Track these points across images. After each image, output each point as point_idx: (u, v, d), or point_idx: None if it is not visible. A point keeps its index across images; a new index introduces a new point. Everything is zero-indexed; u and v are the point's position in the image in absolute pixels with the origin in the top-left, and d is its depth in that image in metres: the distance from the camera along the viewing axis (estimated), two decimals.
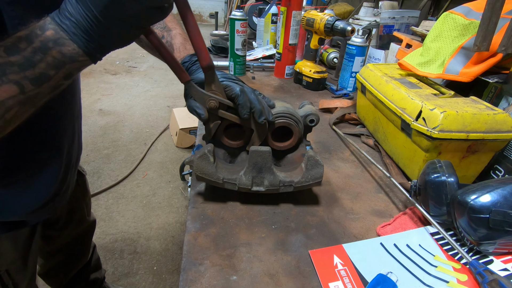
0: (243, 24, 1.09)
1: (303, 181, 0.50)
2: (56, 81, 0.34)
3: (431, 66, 0.70)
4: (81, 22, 0.32)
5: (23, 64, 0.31)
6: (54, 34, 0.32)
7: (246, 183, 0.50)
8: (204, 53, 0.45)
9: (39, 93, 0.34)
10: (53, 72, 0.33)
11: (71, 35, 0.33)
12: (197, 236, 0.46)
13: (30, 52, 0.31)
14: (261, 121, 0.49)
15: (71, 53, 0.33)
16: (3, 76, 0.31)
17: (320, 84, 1.09)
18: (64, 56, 0.33)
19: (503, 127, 0.53)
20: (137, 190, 1.97)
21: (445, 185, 0.47)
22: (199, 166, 0.49)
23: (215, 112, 0.50)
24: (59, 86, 0.35)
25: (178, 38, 0.58)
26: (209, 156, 0.49)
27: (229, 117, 0.51)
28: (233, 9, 2.93)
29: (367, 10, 1.30)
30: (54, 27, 0.32)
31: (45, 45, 0.32)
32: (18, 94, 0.32)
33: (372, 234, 0.49)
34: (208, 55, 0.45)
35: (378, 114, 0.72)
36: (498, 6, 0.55)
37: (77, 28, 0.33)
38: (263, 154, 0.49)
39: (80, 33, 0.33)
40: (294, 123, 0.54)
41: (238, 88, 0.48)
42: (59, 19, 0.33)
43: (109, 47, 0.36)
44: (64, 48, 0.33)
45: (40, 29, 0.32)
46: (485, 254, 0.45)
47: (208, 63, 0.45)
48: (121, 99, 3.15)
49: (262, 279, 0.40)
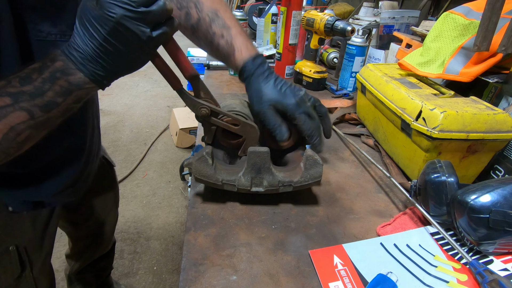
0: (243, 24, 1.09)
1: (302, 181, 0.50)
2: (65, 107, 0.37)
3: (431, 66, 0.70)
4: (87, 51, 0.35)
5: (33, 93, 0.35)
6: (62, 65, 0.35)
7: (245, 184, 0.50)
8: (184, 65, 0.45)
9: (49, 118, 0.37)
10: (61, 100, 0.36)
11: (78, 65, 0.36)
12: (197, 236, 0.46)
13: (40, 82, 0.35)
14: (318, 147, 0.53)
15: (77, 82, 0.36)
16: (15, 104, 0.34)
17: (320, 84, 1.09)
18: (71, 84, 0.36)
19: (503, 127, 0.53)
20: (137, 190, 1.97)
21: (445, 185, 0.47)
22: (198, 168, 0.49)
23: (208, 119, 0.51)
24: (69, 109, 0.39)
25: (239, 38, 0.55)
26: (207, 158, 0.49)
27: (222, 125, 0.51)
28: (233, 9, 2.93)
29: (367, 10, 1.30)
30: (63, 58, 0.36)
31: (53, 76, 0.35)
32: (28, 120, 0.36)
33: (372, 234, 0.49)
34: (189, 65, 0.46)
35: (378, 114, 0.72)
36: (498, 6, 0.55)
37: (83, 58, 0.35)
38: (262, 155, 0.49)
39: (85, 63, 0.36)
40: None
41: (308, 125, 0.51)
42: (67, 51, 0.36)
43: (115, 74, 0.38)
44: (70, 77, 0.36)
45: (51, 61, 0.35)
46: (485, 254, 0.45)
47: (191, 74, 0.47)
48: (121, 99, 3.15)
49: (262, 279, 0.40)
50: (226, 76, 1.19)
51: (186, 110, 2.46)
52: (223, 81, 1.14)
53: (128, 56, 0.37)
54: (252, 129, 0.52)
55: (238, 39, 0.54)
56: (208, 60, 1.27)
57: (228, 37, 0.54)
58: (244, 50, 0.54)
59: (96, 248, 1.03)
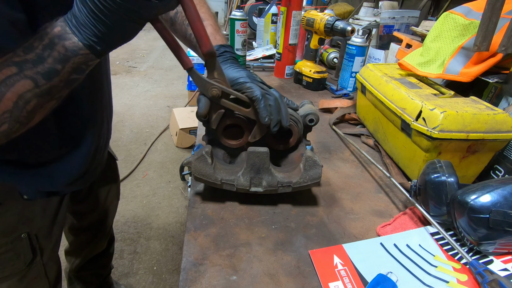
0: (243, 24, 1.09)
1: (301, 182, 0.50)
2: (66, 75, 0.37)
3: (431, 66, 0.70)
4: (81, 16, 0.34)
5: (35, 60, 0.35)
6: (60, 30, 0.35)
7: (244, 184, 0.50)
8: (204, 39, 0.43)
9: (52, 86, 0.37)
10: (60, 67, 0.36)
11: (73, 28, 0.35)
12: (197, 236, 0.46)
13: (40, 49, 0.35)
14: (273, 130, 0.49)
15: (72, 47, 0.35)
16: (21, 72, 0.35)
17: (320, 84, 1.09)
18: (67, 50, 0.35)
19: (503, 127, 0.53)
20: (137, 190, 1.97)
21: (445, 185, 0.47)
22: (197, 167, 0.49)
23: (218, 101, 0.48)
24: (72, 80, 0.38)
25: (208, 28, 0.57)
26: (206, 157, 0.49)
27: (232, 107, 0.49)
28: (233, 9, 2.93)
29: (367, 10, 1.30)
30: (62, 23, 0.35)
31: (52, 41, 0.35)
32: (33, 88, 0.36)
33: (372, 234, 0.49)
34: (209, 41, 0.44)
35: (378, 114, 0.72)
36: (498, 6, 0.55)
37: (78, 22, 0.34)
38: (261, 155, 0.49)
39: (80, 27, 0.35)
40: (294, 123, 0.54)
41: (259, 92, 0.47)
42: (68, 16, 0.35)
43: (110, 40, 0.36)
44: (66, 42, 0.35)
45: (50, 27, 0.35)
46: (485, 254, 0.45)
47: (209, 50, 0.44)
48: (121, 99, 3.15)
49: (262, 279, 0.40)
50: None
51: (186, 110, 2.47)
52: None
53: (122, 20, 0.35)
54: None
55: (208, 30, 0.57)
56: None
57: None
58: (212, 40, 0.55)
59: (97, 241, 1.04)
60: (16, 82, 0.35)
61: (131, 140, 2.48)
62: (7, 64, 0.35)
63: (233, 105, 0.49)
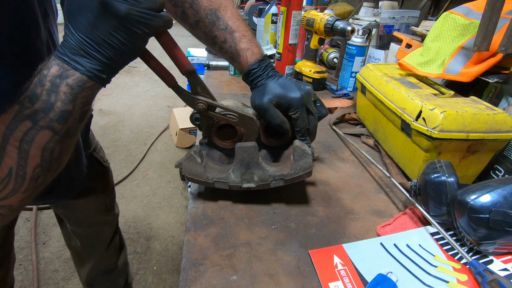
0: None
1: (292, 173, 0.50)
2: (78, 112, 0.36)
3: (431, 66, 0.70)
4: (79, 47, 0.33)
5: (44, 109, 0.33)
6: (58, 69, 0.33)
7: (235, 180, 0.50)
8: (180, 61, 0.44)
9: (69, 128, 0.36)
10: (71, 106, 0.35)
11: (72, 63, 0.33)
12: (197, 236, 0.46)
13: (45, 95, 0.33)
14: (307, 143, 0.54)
15: (77, 83, 0.34)
16: (36, 125, 0.34)
17: (320, 84, 1.09)
18: (72, 88, 0.34)
19: (503, 127, 0.53)
20: (137, 190, 1.97)
21: (445, 185, 0.47)
22: (187, 167, 0.49)
23: (206, 113, 0.51)
24: (84, 114, 0.37)
25: (243, 41, 0.55)
26: (195, 156, 0.49)
27: (219, 118, 0.52)
28: None
29: (367, 10, 1.30)
30: (57, 62, 0.33)
31: (54, 84, 0.33)
32: (53, 136, 0.35)
33: (372, 234, 0.49)
34: (185, 61, 0.45)
35: (378, 114, 0.72)
36: (498, 6, 0.55)
37: (76, 55, 0.33)
38: (249, 150, 0.49)
39: (79, 59, 0.33)
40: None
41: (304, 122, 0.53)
42: (60, 53, 0.33)
43: (112, 65, 0.35)
44: (69, 80, 0.33)
45: (46, 69, 0.33)
46: (485, 254, 0.45)
47: (187, 69, 0.46)
48: (121, 99, 3.15)
49: (262, 279, 0.40)
50: (226, 76, 1.19)
51: (186, 110, 2.47)
52: (223, 81, 1.14)
53: (118, 41, 0.34)
54: (251, 121, 0.52)
55: (243, 43, 0.54)
56: (208, 60, 1.27)
57: (231, 43, 0.54)
58: (250, 55, 0.54)
59: (94, 249, 0.99)
60: (35, 136, 0.34)
61: (131, 140, 2.49)
62: (20, 119, 0.34)
63: (220, 116, 0.52)
